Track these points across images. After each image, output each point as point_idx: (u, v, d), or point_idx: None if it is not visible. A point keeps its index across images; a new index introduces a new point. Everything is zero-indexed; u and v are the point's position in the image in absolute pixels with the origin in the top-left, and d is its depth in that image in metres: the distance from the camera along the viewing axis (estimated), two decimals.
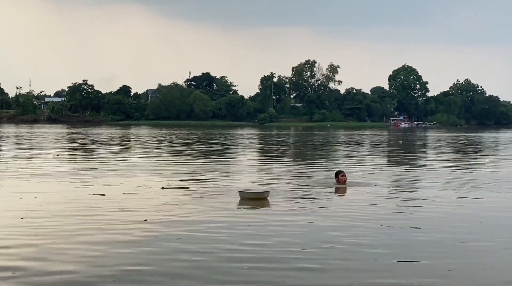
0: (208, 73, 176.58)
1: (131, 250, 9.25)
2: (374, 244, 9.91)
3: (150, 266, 8.42)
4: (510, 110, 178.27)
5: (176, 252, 9.23)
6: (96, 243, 9.72)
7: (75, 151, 35.97)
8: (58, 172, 21.34)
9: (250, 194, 14.79)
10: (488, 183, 18.97)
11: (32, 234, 10.36)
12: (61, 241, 9.81)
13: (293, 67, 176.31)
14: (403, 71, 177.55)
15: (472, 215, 12.97)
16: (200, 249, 9.38)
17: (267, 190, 15.18)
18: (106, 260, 8.66)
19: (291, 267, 8.44)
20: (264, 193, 14.88)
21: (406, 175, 21.62)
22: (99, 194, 15.18)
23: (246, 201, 14.27)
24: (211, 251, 9.28)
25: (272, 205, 13.88)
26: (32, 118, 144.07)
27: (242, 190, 15.13)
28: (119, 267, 8.31)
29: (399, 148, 45.41)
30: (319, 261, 8.76)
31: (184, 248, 9.48)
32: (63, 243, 9.68)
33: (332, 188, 16.83)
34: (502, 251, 9.69)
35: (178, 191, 15.92)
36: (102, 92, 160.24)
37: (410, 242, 10.17)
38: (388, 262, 8.80)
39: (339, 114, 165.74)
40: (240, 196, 14.69)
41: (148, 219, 11.77)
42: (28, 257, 8.79)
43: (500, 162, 30.75)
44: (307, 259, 8.87)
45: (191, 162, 27.26)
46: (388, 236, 10.58)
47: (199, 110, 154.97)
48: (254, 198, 14.46)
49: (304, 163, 28.15)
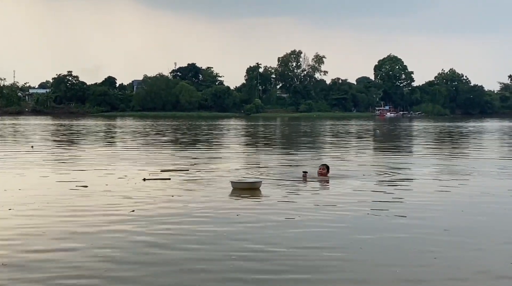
0: (194, 64, 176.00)
1: (120, 241, 9.32)
2: (359, 228, 10.05)
3: (141, 257, 8.49)
4: (495, 99, 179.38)
5: (165, 243, 9.30)
6: (86, 233, 9.79)
7: (55, 142, 35.88)
8: (39, 164, 21.39)
9: (243, 184, 14.80)
10: (471, 171, 19.22)
11: (22, 225, 10.37)
12: (51, 233, 9.84)
13: (279, 58, 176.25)
14: (388, 61, 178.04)
15: (455, 203, 13.13)
16: (187, 240, 9.48)
17: (260, 180, 15.19)
18: (97, 252, 8.71)
19: (281, 257, 8.55)
20: (256, 183, 14.89)
21: (391, 164, 21.76)
22: (82, 186, 15.15)
23: (238, 191, 14.32)
24: (199, 241, 9.36)
25: (261, 196, 13.96)
26: (17, 110, 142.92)
27: (235, 180, 15.15)
28: (109, 259, 8.37)
29: (379, 139, 45.67)
30: (308, 256, 8.89)
31: (172, 239, 9.56)
32: (53, 235, 9.71)
33: (315, 180, 16.53)
34: (483, 238, 9.86)
35: (160, 182, 15.99)
36: (87, 84, 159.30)
37: (395, 230, 10.30)
38: (373, 250, 8.92)
39: (325, 105, 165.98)
40: (232, 186, 14.72)
41: (135, 210, 11.82)
42: (19, 249, 8.82)
43: (483, 150, 31.06)
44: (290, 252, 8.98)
45: (172, 152, 27.50)
46: (373, 224, 10.71)
47: (185, 101, 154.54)
48: (246, 188, 14.48)
49: (289, 154, 28.26)
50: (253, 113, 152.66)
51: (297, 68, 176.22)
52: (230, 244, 9.18)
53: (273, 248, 8.99)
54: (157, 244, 9.17)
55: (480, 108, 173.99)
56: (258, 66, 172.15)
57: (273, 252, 8.75)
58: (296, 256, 8.55)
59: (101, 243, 9.19)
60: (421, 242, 9.42)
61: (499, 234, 10.14)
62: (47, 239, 9.44)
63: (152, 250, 8.82)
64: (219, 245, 9.15)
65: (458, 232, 10.22)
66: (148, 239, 9.46)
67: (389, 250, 9.01)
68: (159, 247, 8.99)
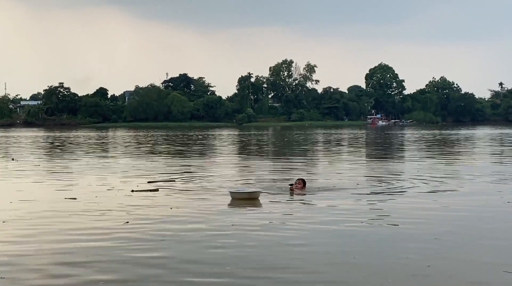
0: (185, 74, 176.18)
1: (116, 254, 9.27)
2: (352, 237, 10.07)
3: (137, 269, 8.46)
4: (486, 107, 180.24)
5: (163, 255, 9.27)
6: (81, 247, 9.73)
7: (38, 154, 35.82)
8: (27, 175, 21.39)
9: (242, 194, 14.70)
10: (462, 178, 19.28)
11: (13, 241, 10.32)
12: (46, 246, 9.78)
13: (270, 67, 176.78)
14: (379, 70, 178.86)
15: (446, 210, 13.17)
16: (184, 250, 9.46)
17: (258, 190, 15.06)
18: (93, 264, 8.67)
19: (274, 269, 8.54)
20: (255, 193, 14.79)
21: (381, 173, 21.79)
22: (71, 198, 15.08)
23: (237, 201, 14.27)
24: (196, 250, 9.34)
25: (258, 206, 13.93)
26: (8, 122, 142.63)
27: (233, 190, 15.09)
28: (104, 271, 8.33)
29: (370, 147, 45.78)
30: (299, 260, 8.88)
31: (168, 248, 9.54)
32: (48, 249, 9.65)
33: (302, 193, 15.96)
34: (475, 245, 9.89)
35: (149, 194, 15.95)
36: (78, 95, 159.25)
37: (389, 239, 10.31)
38: (367, 259, 8.92)
39: (317, 113, 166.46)
40: (231, 197, 14.67)
41: (129, 221, 11.80)
42: (15, 262, 8.78)
43: (475, 156, 31.15)
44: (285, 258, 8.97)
45: (159, 163, 27.56)
46: (367, 234, 10.72)
47: (177, 112, 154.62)
48: (245, 198, 14.41)
49: (280, 163, 28.26)
50: (245, 122, 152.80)
51: (289, 77, 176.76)
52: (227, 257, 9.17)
53: (267, 261, 8.98)
54: (155, 257, 9.13)
55: (471, 116, 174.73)
56: (250, 76, 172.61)
57: (268, 265, 8.74)
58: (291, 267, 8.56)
59: (97, 254, 9.13)
60: (412, 250, 9.42)
61: (491, 241, 10.16)
62: (41, 254, 9.37)
63: (151, 262, 8.80)
64: (215, 259, 9.13)
65: (449, 239, 10.24)
66: (146, 253, 9.42)
67: (383, 258, 9.01)
68: (158, 259, 8.96)
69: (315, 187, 17.03)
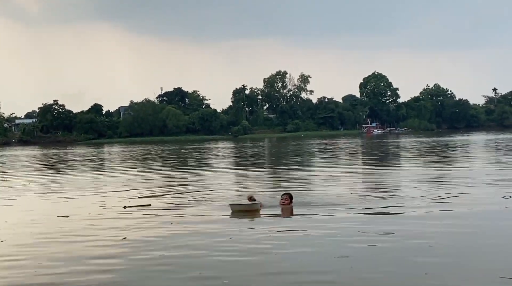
0: (180, 88, 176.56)
1: (115, 271, 9.23)
2: (348, 247, 10.06)
3: None
4: (480, 113, 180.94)
5: (161, 269, 9.25)
6: (78, 264, 9.69)
7: (36, 173, 35.72)
8: (18, 194, 21.38)
9: (242, 206, 14.64)
10: (457, 184, 19.30)
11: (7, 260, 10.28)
12: (45, 264, 9.76)
13: (265, 79, 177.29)
14: (373, 79, 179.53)
15: (441, 218, 13.17)
16: (183, 265, 9.44)
17: (259, 202, 14.85)
18: (91, 281, 8.63)
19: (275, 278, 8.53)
20: (255, 204, 14.66)
21: (376, 181, 21.80)
22: (63, 216, 14.99)
23: (236, 213, 14.21)
24: (192, 266, 9.33)
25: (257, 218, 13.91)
26: (3, 140, 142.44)
27: (233, 203, 15.03)
28: None
29: (362, 156, 45.84)
30: (296, 268, 8.88)
31: None
32: (46, 268, 9.60)
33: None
34: (471, 251, 9.93)
35: (143, 209, 15.80)
36: (73, 112, 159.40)
37: (385, 248, 10.32)
38: (365, 269, 8.92)
39: (312, 124, 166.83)
40: (231, 209, 14.61)
41: (126, 237, 11.78)
42: (13, 282, 8.74)
43: (471, 161, 31.20)
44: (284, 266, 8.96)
45: (152, 176, 27.56)
46: (362, 242, 10.72)
47: (172, 125, 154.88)
48: (245, 210, 14.35)
49: (275, 174, 28.26)
50: (240, 134, 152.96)
51: (283, 88, 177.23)
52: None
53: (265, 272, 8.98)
54: (155, 270, 9.12)
55: (466, 122, 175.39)
56: (244, 88, 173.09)
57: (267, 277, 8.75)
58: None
59: (97, 270, 9.12)
60: (409, 258, 9.42)
61: (488, 248, 10.18)
62: (42, 272, 9.34)
63: (152, 275, 8.81)
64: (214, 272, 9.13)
65: (443, 248, 10.23)
66: (146, 269, 9.41)
67: (380, 267, 9.01)
68: (159, 273, 8.96)
69: (305, 201, 16.35)
